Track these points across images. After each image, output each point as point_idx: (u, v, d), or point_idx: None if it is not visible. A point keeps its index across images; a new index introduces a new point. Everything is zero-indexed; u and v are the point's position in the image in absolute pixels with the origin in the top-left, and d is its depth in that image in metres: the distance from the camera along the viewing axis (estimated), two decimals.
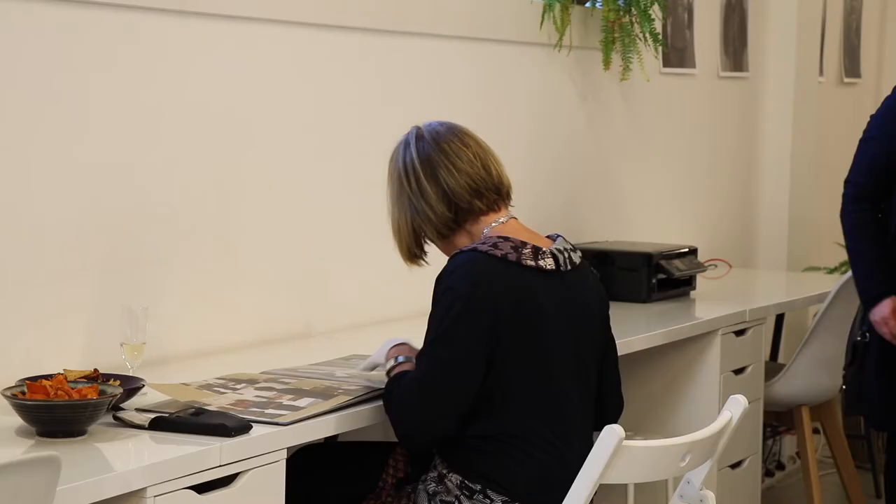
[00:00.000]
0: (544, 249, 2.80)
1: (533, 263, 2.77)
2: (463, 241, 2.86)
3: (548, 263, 2.79)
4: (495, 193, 2.87)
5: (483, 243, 2.77)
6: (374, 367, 2.98)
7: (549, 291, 2.78)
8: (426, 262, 2.95)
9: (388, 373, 2.84)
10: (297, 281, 3.56)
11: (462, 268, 2.74)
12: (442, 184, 2.84)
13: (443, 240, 2.88)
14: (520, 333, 2.73)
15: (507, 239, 2.78)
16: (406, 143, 2.89)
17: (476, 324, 2.70)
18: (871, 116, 3.99)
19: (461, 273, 2.73)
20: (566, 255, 2.84)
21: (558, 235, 2.91)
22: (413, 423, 2.73)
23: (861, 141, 3.98)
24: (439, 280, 2.77)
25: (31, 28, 2.87)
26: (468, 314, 2.70)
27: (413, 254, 2.92)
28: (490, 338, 2.70)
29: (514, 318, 2.72)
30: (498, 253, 2.74)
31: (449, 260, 2.80)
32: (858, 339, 3.96)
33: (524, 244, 2.78)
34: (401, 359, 2.85)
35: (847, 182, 3.96)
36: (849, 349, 4.04)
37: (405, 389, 2.73)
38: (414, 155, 2.86)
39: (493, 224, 2.85)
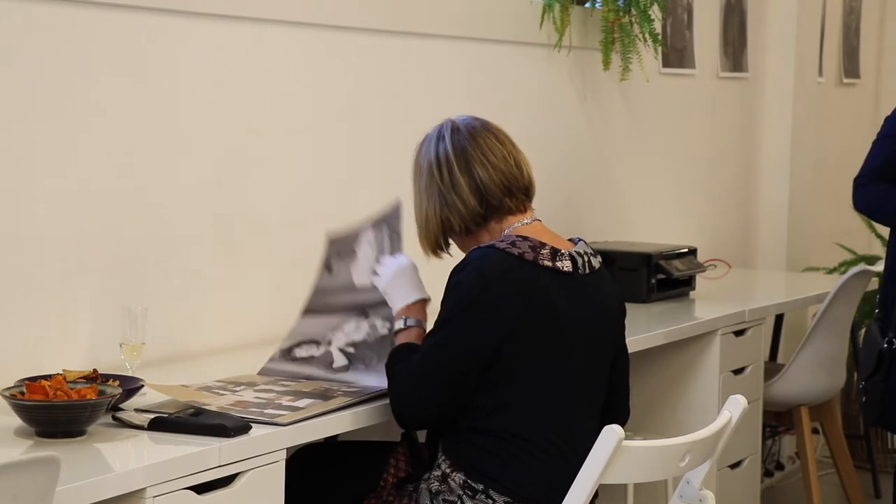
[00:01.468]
0: (563, 252, 2.80)
1: (550, 264, 2.77)
2: (485, 239, 2.85)
3: (565, 265, 2.79)
4: (524, 194, 2.88)
5: (501, 241, 2.77)
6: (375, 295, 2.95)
7: (564, 293, 2.78)
8: (449, 253, 2.93)
9: (395, 333, 2.86)
10: (296, 281, 3.55)
11: (475, 263, 2.74)
12: (476, 178, 2.83)
13: (467, 235, 2.87)
14: (530, 332, 2.73)
15: (526, 238, 2.78)
16: (440, 136, 2.87)
17: (483, 319, 2.70)
18: (886, 119, 4.01)
19: (473, 267, 2.73)
20: (585, 258, 2.84)
21: (580, 239, 2.91)
22: (409, 400, 2.74)
23: (875, 141, 3.99)
24: (453, 274, 2.78)
25: (32, 29, 2.87)
26: (476, 308, 2.70)
27: (438, 246, 2.90)
28: (494, 335, 2.70)
29: (525, 316, 2.72)
30: (515, 251, 2.74)
31: (466, 255, 2.80)
32: (885, 346, 3.92)
33: (543, 245, 2.78)
34: (410, 322, 2.87)
35: (856, 178, 3.99)
36: (870, 357, 3.99)
37: (406, 368, 2.76)
38: (448, 147, 2.85)
39: (517, 224, 2.85)
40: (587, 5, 4.59)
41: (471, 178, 2.83)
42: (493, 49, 4.21)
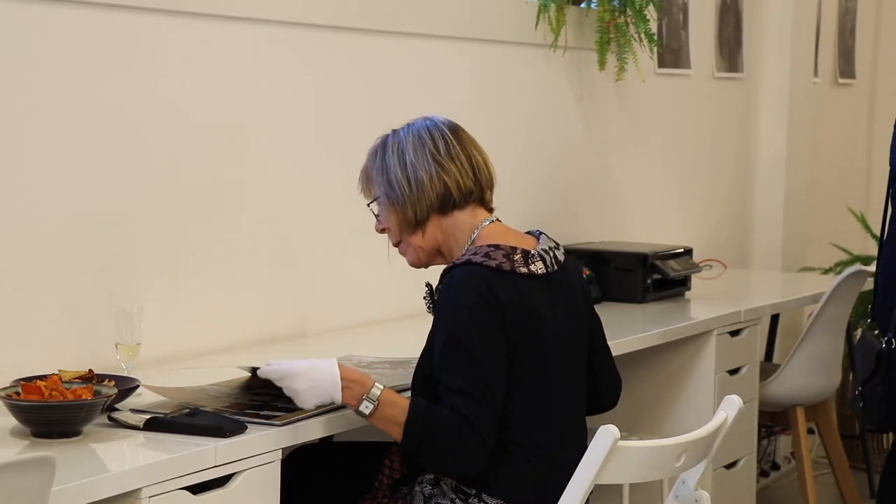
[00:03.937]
0: (532, 252, 2.79)
1: (525, 270, 2.75)
2: (450, 230, 2.82)
3: (538, 268, 2.78)
4: (492, 195, 2.88)
5: (475, 254, 2.74)
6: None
7: (542, 296, 2.77)
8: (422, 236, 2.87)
9: (369, 414, 2.66)
10: (292, 281, 3.55)
11: (461, 282, 2.71)
12: (472, 157, 2.83)
13: (452, 211, 2.81)
14: (522, 341, 2.72)
15: (497, 247, 2.75)
16: (431, 124, 2.84)
17: (492, 325, 2.68)
18: None
19: (461, 286, 2.70)
20: (552, 254, 2.83)
21: (540, 233, 2.89)
22: (469, 444, 2.63)
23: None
24: (439, 301, 2.74)
25: (30, 29, 2.86)
26: (483, 319, 2.67)
27: (418, 219, 2.81)
28: (505, 338, 2.69)
29: (515, 325, 2.71)
30: (492, 264, 2.72)
31: (443, 276, 2.76)
32: (882, 347, 3.90)
33: (514, 250, 2.76)
34: (374, 393, 2.65)
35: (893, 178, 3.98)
36: (868, 360, 3.97)
37: (450, 418, 2.63)
38: (445, 130, 2.83)
39: (485, 223, 2.83)
40: (583, 5, 4.59)
41: (467, 156, 2.83)
42: (489, 49, 4.21)
